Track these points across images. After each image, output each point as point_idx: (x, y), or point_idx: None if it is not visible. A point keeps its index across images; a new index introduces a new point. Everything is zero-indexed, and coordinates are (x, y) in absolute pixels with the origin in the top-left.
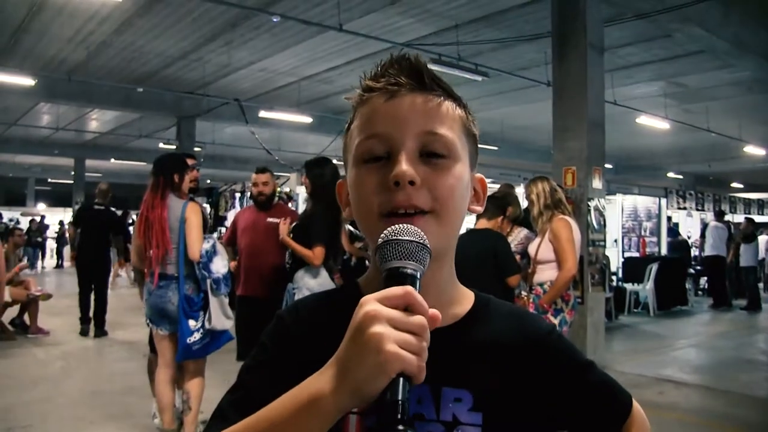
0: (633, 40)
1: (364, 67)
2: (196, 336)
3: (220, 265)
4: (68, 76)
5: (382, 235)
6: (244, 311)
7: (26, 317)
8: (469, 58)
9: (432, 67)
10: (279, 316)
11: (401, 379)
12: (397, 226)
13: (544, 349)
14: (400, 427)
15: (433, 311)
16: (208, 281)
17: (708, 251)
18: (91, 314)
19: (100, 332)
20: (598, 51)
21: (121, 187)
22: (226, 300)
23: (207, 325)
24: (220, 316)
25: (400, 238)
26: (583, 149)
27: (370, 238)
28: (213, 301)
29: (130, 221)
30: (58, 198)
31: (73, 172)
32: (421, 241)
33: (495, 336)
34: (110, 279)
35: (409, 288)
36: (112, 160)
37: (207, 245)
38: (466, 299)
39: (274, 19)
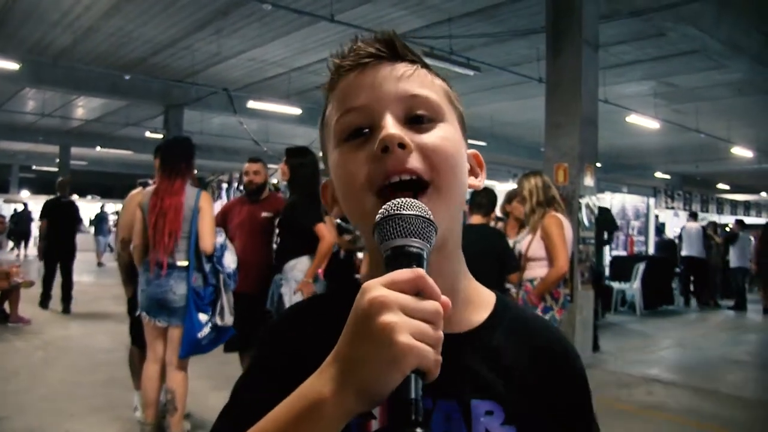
0: (626, 38)
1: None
2: (206, 331)
3: (230, 260)
4: (54, 61)
5: (381, 210)
6: (238, 306)
7: (6, 305)
8: (461, 52)
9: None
10: (271, 323)
11: (413, 375)
12: (396, 200)
13: (570, 378)
14: (419, 430)
15: (444, 299)
16: (221, 276)
17: (684, 251)
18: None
19: (67, 308)
20: (593, 47)
21: (107, 176)
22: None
23: (219, 322)
24: (229, 313)
25: (402, 212)
26: (575, 146)
27: (362, 223)
28: (224, 297)
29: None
30: (42, 185)
31: (58, 160)
32: (426, 215)
33: (519, 346)
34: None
35: (419, 270)
36: (98, 148)
37: (220, 239)
38: (483, 300)
39: (266, 8)
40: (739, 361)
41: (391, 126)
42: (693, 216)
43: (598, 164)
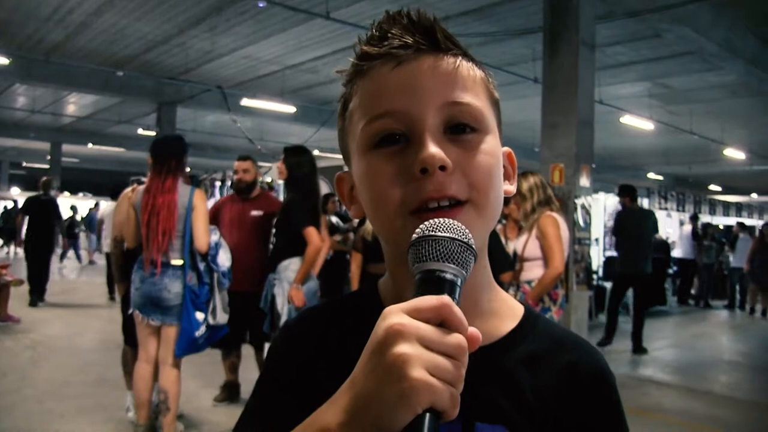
0: (622, 39)
1: (351, 57)
2: (203, 329)
3: (224, 259)
4: (45, 56)
5: (417, 230)
6: (231, 305)
7: None
8: None
9: None
10: (285, 329)
11: (428, 414)
12: (435, 219)
13: (596, 402)
14: None
15: (472, 330)
16: (216, 275)
17: (676, 253)
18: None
19: (41, 299)
20: (589, 48)
21: (99, 174)
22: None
23: (211, 321)
24: (222, 311)
25: (440, 234)
26: (571, 146)
27: (391, 241)
28: (218, 296)
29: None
30: (33, 183)
31: (49, 157)
32: (466, 240)
33: (540, 365)
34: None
35: (445, 298)
36: (90, 145)
37: (215, 237)
38: (508, 313)
39: (261, 4)
40: (732, 362)
41: (431, 143)
42: (693, 218)
43: (593, 165)
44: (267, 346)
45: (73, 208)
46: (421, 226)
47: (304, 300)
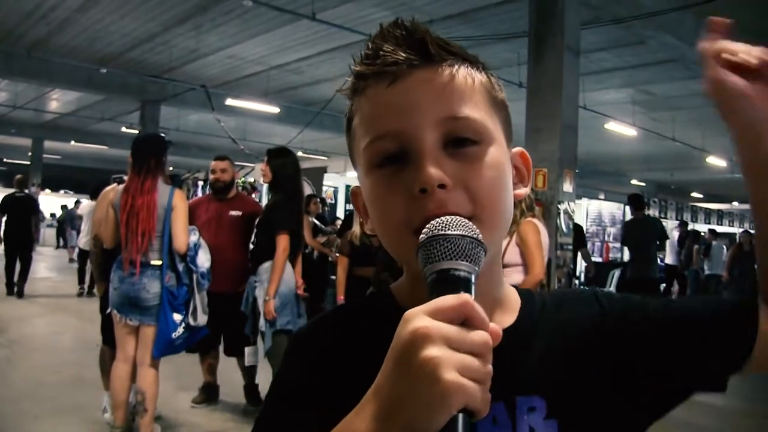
0: (607, 45)
1: (336, 58)
2: (180, 330)
3: (204, 259)
4: (27, 52)
5: (425, 230)
6: (208, 306)
7: None
8: None
9: None
10: (297, 338)
11: (461, 415)
12: (442, 218)
13: (605, 328)
14: None
15: (493, 326)
16: (195, 276)
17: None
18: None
19: (21, 293)
20: (574, 53)
21: (81, 171)
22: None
23: (192, 322)
24: (202, 312)
25: (449, 232)
26: (555, 151)
27: (401, 259)
28: (198, 297)
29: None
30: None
31: (30, 153)
32: (475, 236)
33: (553, 331)
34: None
35: (465, 296)
36: (72, 142)
37: (194, 237)
38: (511, 296)
39: (246, 4)
40: None
41: (429, 163)
42: (682, 224)
43: (576, 170)
44: (246, 349)
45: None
46: (428, 225)
47: (275, 314)
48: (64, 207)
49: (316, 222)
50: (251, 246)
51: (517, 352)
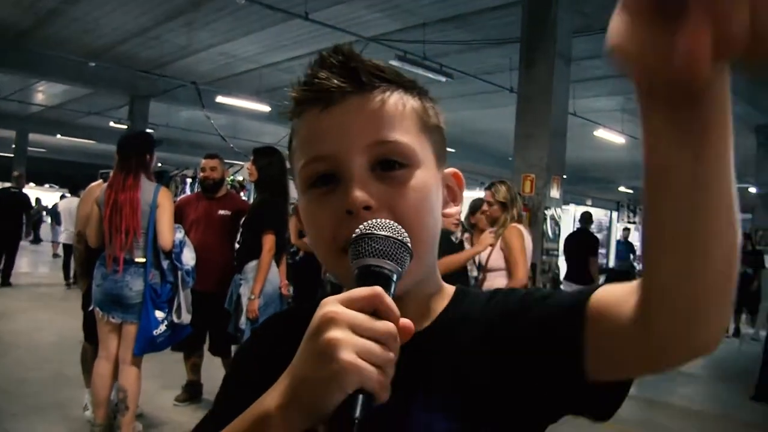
0: (598, 53)
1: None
2: (162, 328)
3: (189, 257)
4: (14, 42)
5: (357, 229)
6: (193, 305)
7: None
8: (435, 57)
9: (395, 63)
10: (253, 333)
11: (360, 395)
12: (373, 220)
13: (500, 330)
14: None
15: (405, 321)
16: (180, 273)
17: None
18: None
19: (6, 281)
20: (565, 61)
21: (66, 165)
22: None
23: (175, 319)
24: (186, 310)
25: (377, 232)
26: (543, 157)
27: (332, 273)
28: (182, 294)
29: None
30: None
31: (14, 146)
32: (401, 238)
33: (470, 330)
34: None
35: (377, 288)
36: (58, 135)
37: (179, 235)
38: (444, 302)
39: (239, 2)
40: (692, 375)
41: (356, 186)
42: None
43: (564, 176)
44: (234, 348)
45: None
46: (360, 225)
47: (257, 313)
48: (38, 200)
49: None
50: (237, 245)
51: (425, 352)
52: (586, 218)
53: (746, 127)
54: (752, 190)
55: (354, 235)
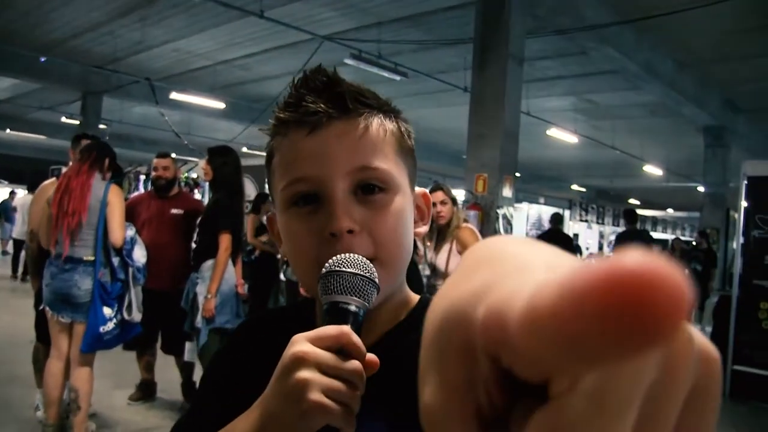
0: (551, 54)
1: (283, 56)
2: (110, 325)
3: (140, 255)
4: None
5: (326, 264)
6: (145, 303)
7: None
8: (389, 56)
9: (350, 62)
10: (231, 335)
11: (327, 430)
12: (342, 255)
13: None
14: None
15: (370, 357)
16: (131, 270)
17: None
18: None
19: None
20: (518, 62)
21: (17, 160)
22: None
23: (126, 316)
24: (137, 308)
25: (345, 270)
26: (496, 157)
27: (310, 292)
28: (133, 292)
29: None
30: None
31: None
32: (368, 275)
33: (407, 350)
34: None
35: (344, 328)
36: (8, 130)
37: (130, 232)
38: (408, 306)
39: None
40: None
41: (340, 210)
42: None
43: (518, 174)
44: (187, 344)
45: None
46: (329, 261)
47: (213, 312)
48: None
49: (264, 222)
50: (193, 245)
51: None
52: (558, 219)
53: (694, 128)
54: (700, 189)
55: (324, 270)
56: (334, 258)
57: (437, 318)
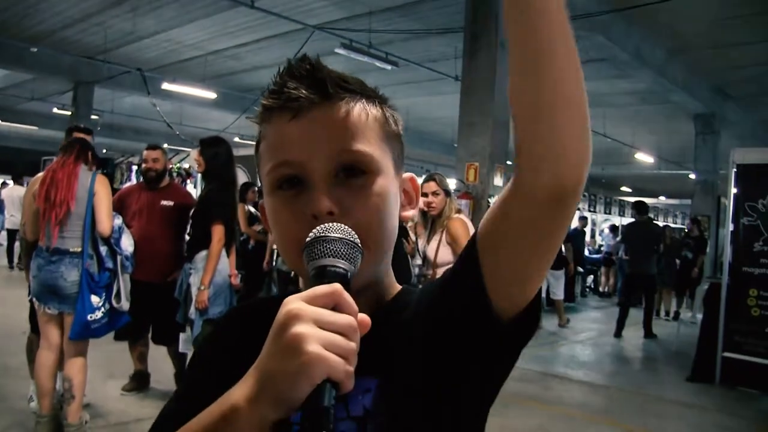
0: None
1: (274, 45)
2: (98, 314)
3: (127, 244)
4: None
5: (311, 233)
6: (133, 294)
7: None
8: (380, 46)
9: (341, 52)
10: (215, 322)
11: (327, 384)
12: (325, 224)
13: (418, 314)
14: None
15: (362, 316)
16: (119, 258)
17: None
18: None
19: None
20: (508, 50)
21: (8, 151)
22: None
23: (115, 304)
24: (125, 296)
25: (330, 235)
26: (486, 146)
27: (296, 270)
28: (121, 280)
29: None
30: None
31: None
32: (352, 240)
33: (404, 318)
34: None
35: (336, 285)
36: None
37: (118, 221)
38: (392, 293)
39: None
40: (633, 359)
41: (321, 193)
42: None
43: (509, 162)
44: (181, 335)
45: None
46: (313, 230)
47: (206, 303)
48: None
49: (252, 210)
50: (187, 237)
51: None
52: (641, 207)
53: (685, 116)
54: (692, 176)
55: (308, 239)
56: (317, 228)
57: None
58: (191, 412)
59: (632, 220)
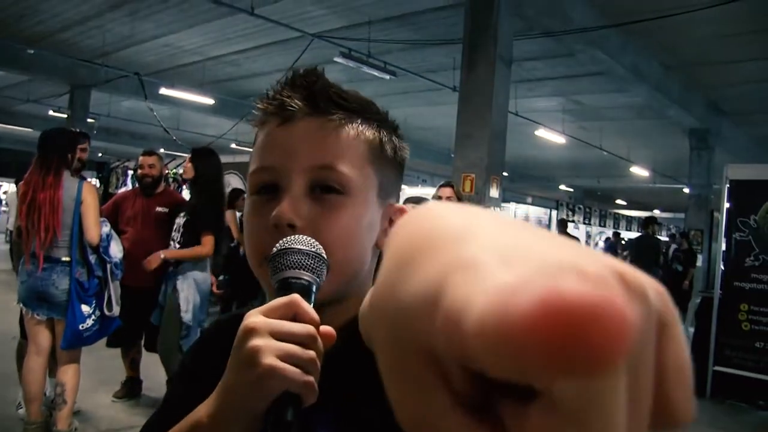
0: (539, 55)
1: (273, 53)
2: (89, 322)
3: (116, 250)
4: None
5: (275, 247)
6: (126, 300)
7: None
8: (379, 55)
9: (340, 60)
10: (202, 332)
11: (285, 397)
12: (289, 237)
13: None
14: None
15: (326, 328)
16: (109, 266)
17: None
18: None
19: None
20: (506, 63)
21: (3, 153)
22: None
23: (107, 312)
24: (116, 303)
25: (294, 246)
26: (483, 157)
27: (258, 277)
28: (111, 287)
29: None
30: None
31: None
32: (316, 251)
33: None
34: None
35: (294, 296)
36: None
37: (106, 229)
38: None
39: None
40: None
41: (287, 203)
42: (615, 234)
43: (505, 174)
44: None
45: None
46: (278, 243)
47: (156, 264)
48: None
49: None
50: (177, 245)
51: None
52: (647, 223)
53: (680, 131)
54: (686, 191)
55: (272, 252)
56: (281, 240)
57: (387, 324)
58: (171, 425)
59: (620, 232)
